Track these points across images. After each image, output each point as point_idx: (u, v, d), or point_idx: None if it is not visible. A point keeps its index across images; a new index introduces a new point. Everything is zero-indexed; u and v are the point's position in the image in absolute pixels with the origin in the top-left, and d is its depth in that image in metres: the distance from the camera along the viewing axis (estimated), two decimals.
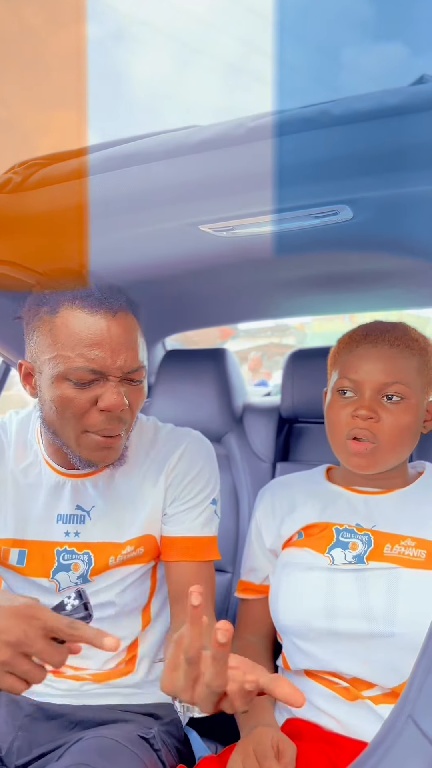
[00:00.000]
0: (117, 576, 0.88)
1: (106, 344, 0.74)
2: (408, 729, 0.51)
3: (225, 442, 1.35)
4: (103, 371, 0.75)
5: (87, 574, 0.86)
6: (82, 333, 0.74)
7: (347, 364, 0.84)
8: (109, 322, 0.75)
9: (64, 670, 0.89)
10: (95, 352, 0.74)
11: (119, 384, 0.76)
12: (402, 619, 0.75)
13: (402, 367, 0.81)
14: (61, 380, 0.75)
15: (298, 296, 1.24)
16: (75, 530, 0.86)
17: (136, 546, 0.88)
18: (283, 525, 0.90)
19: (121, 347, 0.76)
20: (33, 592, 0.86)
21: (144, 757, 0.75)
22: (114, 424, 0.77)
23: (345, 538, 0.83)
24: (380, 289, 1.14)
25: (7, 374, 1.43)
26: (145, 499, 0.88)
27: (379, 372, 0.81)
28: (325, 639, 0.79)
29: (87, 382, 0.75)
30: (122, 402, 0.75)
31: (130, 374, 0.78)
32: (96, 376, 0.75)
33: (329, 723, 0.79)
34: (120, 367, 0.76)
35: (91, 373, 0.74)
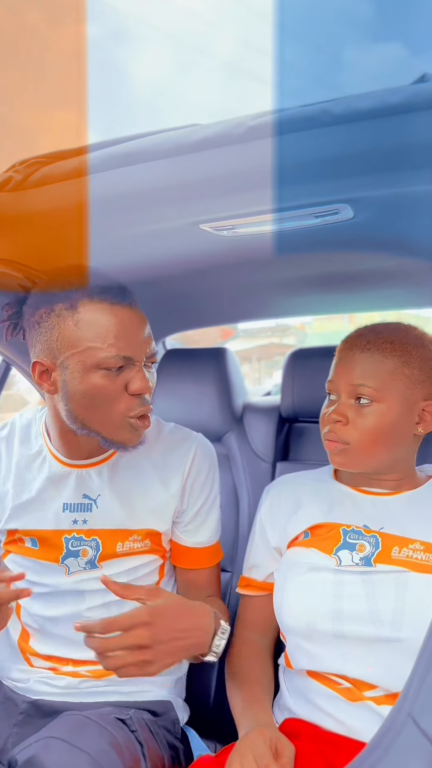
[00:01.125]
0: (126, 565, 0.90)
1: (131, 332, 0.81)
2: (407, 728, 0.51)
3: (225, 441, 1.35)
4: (132, 357, 0.81)
5: (95, 559, 0.89)
6: (110, 324, 0.79)
7: (332, 368, 0.88)
8: (129, 312, 0.82)
9: (63, 666, 0.89)
10: (124, 340, 0.80)
11: (142, 369, 0.83)
12: (409, 623, 0.74)
13: (371, 371, 0.81)
14: (92, 371, 0.80)
15: (298, 296, 1.24)
16: (83, 518, 0.89)
17: (143, 537, 0.90)
18: (288, 523, 0.90)
19: (142, 334, 0.83)
20: (45, 575, 0.90)
21: (116, 733, 0.75)
22: (146, 405, 0.83)
23: (352, 540, 0.83)
24: (380, 289, 1.14)
25: (7, 374, 1.43)
26: (151, 493, 0.91)
27: (347, 376, 0.83)
28: (330, 641, 0.79)
29: (118, 368, 0.80)
30: (149, 384, 0.82)
31: (151, 359, 0.85)
32: (125, 362, 0.81)
33: (329, 723, 0.79)
34: (144, 353, 0.83)
35: (122, 360, 0.80)
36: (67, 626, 0.89)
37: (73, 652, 0.90)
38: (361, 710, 0.77)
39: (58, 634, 0.90)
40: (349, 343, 0.86)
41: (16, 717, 0.87)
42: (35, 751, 0.68)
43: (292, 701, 0.84)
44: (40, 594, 0.90)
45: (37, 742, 0.70)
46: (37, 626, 0.91)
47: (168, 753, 0.85)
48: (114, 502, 0.89)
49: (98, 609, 0.89)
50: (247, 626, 0.94)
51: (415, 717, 0.51)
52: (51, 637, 0.91)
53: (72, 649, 0.90)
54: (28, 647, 0.92)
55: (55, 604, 0.90)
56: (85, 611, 0.89)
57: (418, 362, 0.82)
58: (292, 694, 0.85)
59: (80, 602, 0.90)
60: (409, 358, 0.82)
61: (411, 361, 0.82)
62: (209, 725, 1.04)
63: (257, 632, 0.93)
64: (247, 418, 1.36)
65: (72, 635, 0.88)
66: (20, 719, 0.87)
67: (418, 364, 0.82)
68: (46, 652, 0.91)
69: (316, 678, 0.81)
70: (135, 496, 0.90)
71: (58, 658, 0.90)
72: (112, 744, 0.72)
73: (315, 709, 0.80)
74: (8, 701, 0.90)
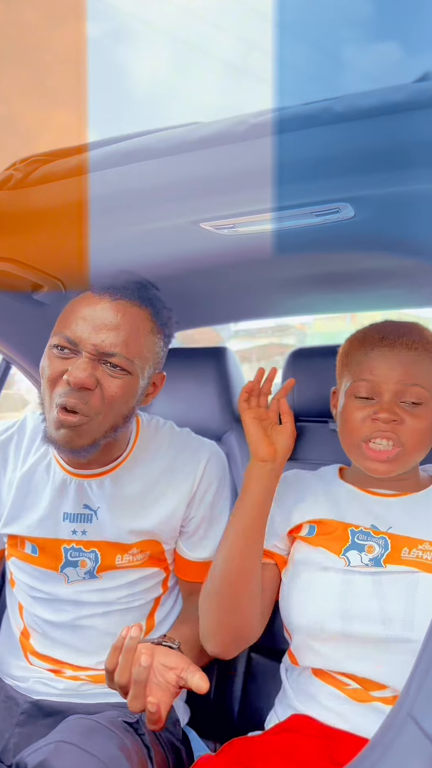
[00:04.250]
0: (126, 578, 0.89)
1: (89, 320, 0.78)
2: (408, 727, 0.50)
3: (225, 440, 1.34)
4: (77, 343, 0.77)
5: (94, 570, 0.87)
6: (76, 308, 0.79)
7: (362, 366, 0.83)
8: (103, 304, 0.79)
9: (64, 669, 0.89)
10: (78, 324, 0.77)
11: (92, 362, 0.77)
12: (420, 624, 0.74)
13: (420, 371, 0.80)
14: (48, 349, 0.80)
15: (298, 295, 1.24)
16: (82, 529, 0.87)
17: (142, 549, 0.89)
18: (294, 510, 0.88)
19: (104, 327, 0.77)
20: (45, 582, 0.88)
21: (125, 738, 0.75)
22: (74, 397, 0.76)
23: (361, 540, 0.82)
24: (381, 289, 1.13)
25: (7, 374, 1.43)
26: (156, 506, 0.89)
27: (398, 375, 0.80)
28: (338, 640, 0.79)
29: (62, 349, 0.78)
30: (88, 380, 0.75)
31: (108, 357, 0.77)
32: (72, 346, 0.77)
33: (335, 720, 0.78)
34: (96, 345, 0.77)
35: (66, 341, 0.77)
36: (66, 632, 0.89)
37: (72, 657, 0.89)
38: (368, 711, 0.76)
39: (58, 638, 0.90)
40: (389, 341, 0.82)
41: (18, 716, 0.87)
42: (46, 755, 0.67)
43: (297, 700, 0.84)
44: (40, 599, 0.90)
45: (47, 746, 0.69)
46: (38, 628, 0.91)
47: (171, 754, 0.85)
48: (114, 514, 0.87)
49: (98, 617, 0.89)
50: None
51: (416, 716, 0.50)
52: (51, 639, 0.90)
53: (71, 654, 0.89)
54: (29, 644, 0.92)
55: (54, 610, 0.89)
56: (85, 618, 0.88)
57: None
58: (296, 692, 0.84)
59: (80, 610, 0.89)
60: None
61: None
62: (209, 725, 1.04)
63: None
64: None
65: (71, 641, 0.88)
66: (22, 719, 0.87)
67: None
68: (45, 652, 0.91)
69: (322, 677, 0.81)
70: (137, 510, 0.88)
71: (58, 660, 0.90)
72: (121, 749, 0.72)
73: (321, 707, 0.80)
74: (10, 700, 0.90)
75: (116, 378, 0.79)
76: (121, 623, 0.87)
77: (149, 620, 0.93)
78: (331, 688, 0.79)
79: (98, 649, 0.87)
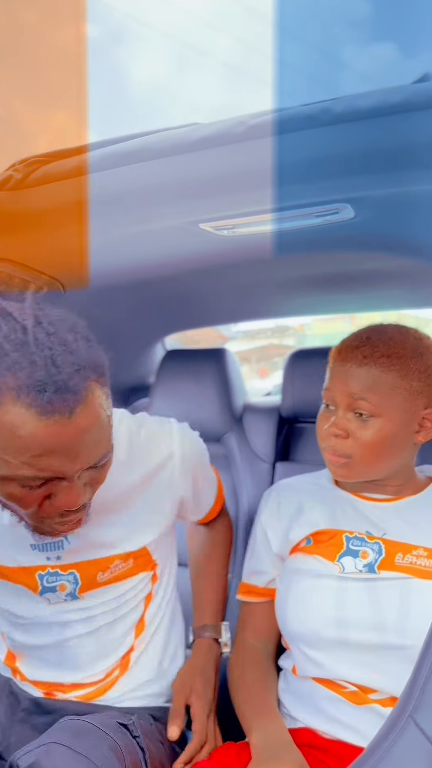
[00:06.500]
0: (111, 593, 0.84)
1: (61, 451, 0.60)
2: (408, 729, 0.50)
3: (225, 441, 1.35)
4: (57, 476, 0.62)
5: (75, 592, 0.82)
6: (28, 441, 0.58)
7: (328, 377, 0.85)
8: (63, 428, 0.59)
9: (54, 691, 0.87)
10: (46, 460, 0.60)
11: (78, 480, 0.64)
12: (414, 630, 0.73)
13: (369, 385, 0.79)
14: (6, 480, 0.62)
15: (298, 296, 1.24)
16: (56, 555, 0.82)
17: (124, 559, 0.84)
18: (291, 529, 0.89)
19: (79, 450, 0.61)
20: (23, 606, 0.83)
21: (119, 740, 0.74)
22: (73, 515, 0.68)
23: (355, 546, 0.82)
24: (381, 289, 1.14)
25: None
26: (134, 510, 0.84)
27: (345, 389, 0.80)
28: (334, 648, 0.78)
29: (37, 486, 0.62)
30: (79, 500, 0.65)
31: (92, 467, 0.66)
32: (48, 480, 0.63)
33: (332, 727, 0.78)
34: (80, 469, 0.63)
35: (41, 480, 0.62)
36: (54, 652, 0.85)
37: (62, 676, 0.86)
38: (366, 713, 0.76)
39: (46, 658, 0.87)
40: (344, 354, 0.82)
41: (19, 714, 0.87)
42: (37, 757, 0.67)
43: (293, 707, 0.83)
44: (19, 624, 0.85)
45: (38, 748, 0.68)
46: (23, 651, 0.88)
47: (168, 758, 0.85)
48: (89, 533, 0.80)
49: (85, 638, 0.85)
50: (249, 633, 0.92)
51: (417, 718, 0.50)
52: (39, 660, 0.87)
53: (61, 673, 0.86)
54: (16, 668, 0.90)
55: (37, 635, 0.85)
56: (72, 639, 0.85)
57: (417, 374, 0.80)
58: (293, 698, 0.84)
59: (65, 631, 0.84)
60: (408, 371, 0.79)
61: (409, 374, 0.79)
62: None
63: (259, 639, 0.92)
64: (247, 418, 1.36)
65: (60, 660, 0.85)
66: (22, 716, 0.87)
67: (416, 376, 0.80)
68: (35, 677, 0.88)
69: (320, 683, 0.80)
70: (114, 521, 0.82)
71: (47, 683, 0.87)
72: (113, 750, 0.71)
73: (317, 713, 0.80)
74: (12, 696, 0.89)
75: (104, 468, 0.69)
76: (109, 635, 0.86)
77: (139, 624, 0.90)
78: (328, 691, 0.79)
79: (94, 663, 0.86)
